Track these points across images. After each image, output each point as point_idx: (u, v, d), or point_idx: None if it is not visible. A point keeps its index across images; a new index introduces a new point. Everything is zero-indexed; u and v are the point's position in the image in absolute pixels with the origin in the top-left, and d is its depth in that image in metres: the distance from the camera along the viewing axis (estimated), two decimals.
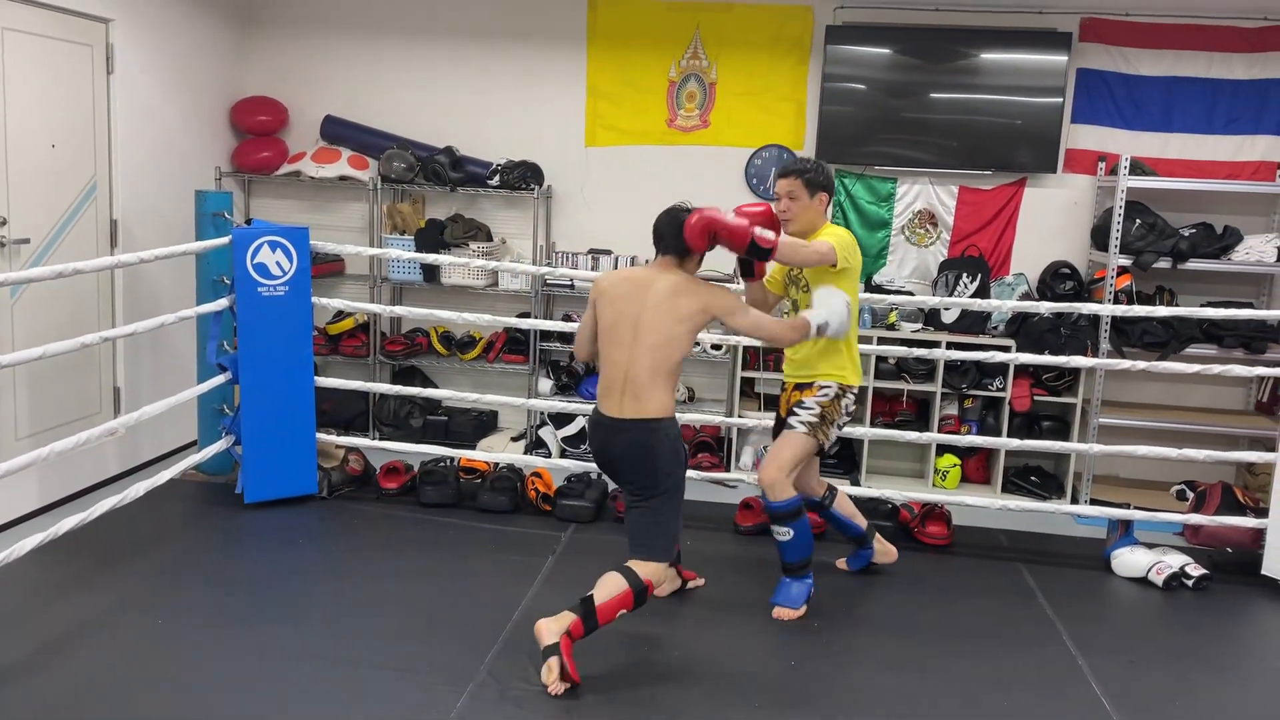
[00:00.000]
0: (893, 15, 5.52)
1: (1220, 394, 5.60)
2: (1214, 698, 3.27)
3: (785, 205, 3.72)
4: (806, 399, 3.73)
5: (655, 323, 3.26)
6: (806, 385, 3.77)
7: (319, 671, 3.14)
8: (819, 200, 3.73)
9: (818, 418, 3.70)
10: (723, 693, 3.15)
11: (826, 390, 3.72)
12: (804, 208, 3.71)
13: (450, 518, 4.54)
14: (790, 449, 3.69)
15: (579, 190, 5.91)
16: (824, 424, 3.71)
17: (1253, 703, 3.26)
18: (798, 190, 3.71)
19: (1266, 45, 5.32)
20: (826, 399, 3.71)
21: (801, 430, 3.70)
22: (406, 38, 5.92)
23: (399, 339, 5.89)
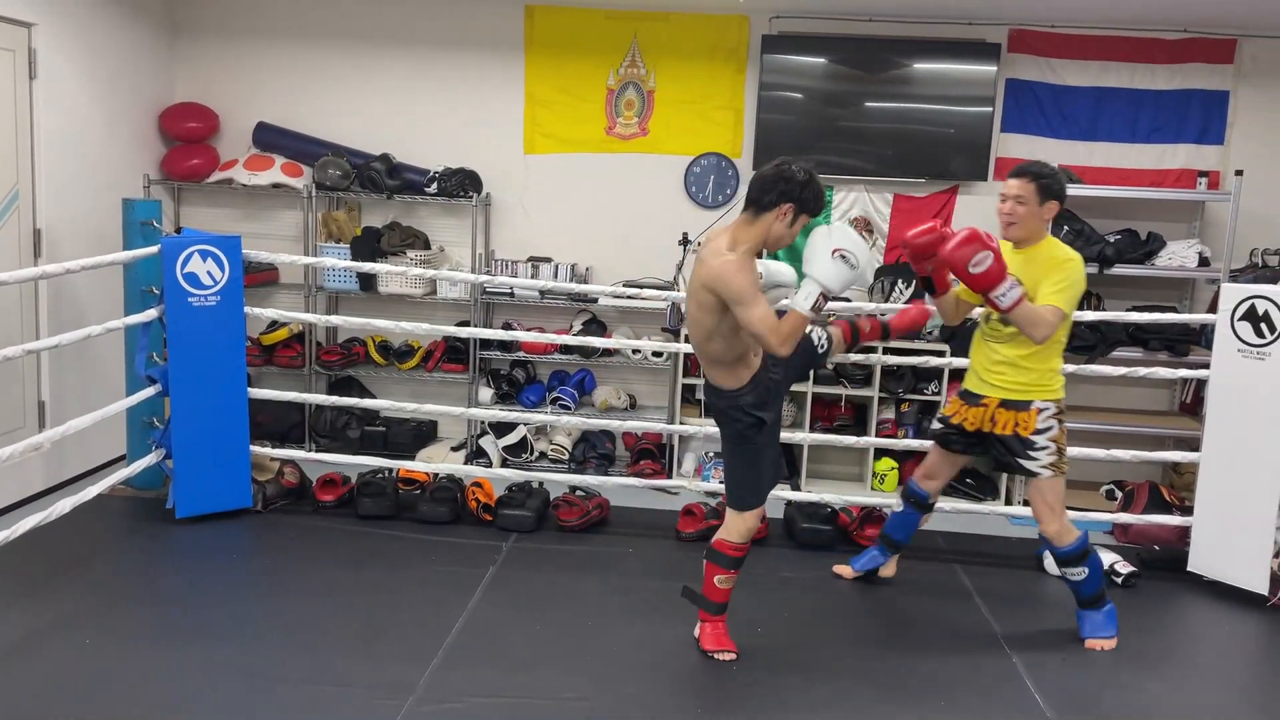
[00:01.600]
0: (827, 25, 5.60)
1: (1146, 396, 5.76)
2: (1143, 692, 3.35)
3: (1010, 208, 3.48)
4: (1035, 438, 3.50)
5: (689, 302, 3.13)
6: (1020, 406, 3.52)
7: (253, 689, 3.07)
8: (1048, 209, 3.47)
9: (1056, 455, 3.52)
10: (662, 697, 3.14)
11: (1047, 415, 3.51)
12: (1030, 214, 3.46)
13: (389, 529, 4.48)
14: (1053, 496, 3.53)
15: (518, 198, 5.89)
16: (1062, 455, 3.53)
17: (1181, 696, 3.35)
18: (1029, 195, 3.45)
19: (1187, 57, 5.50)
20: (1054, 430, 3.50)
21: (1049, 475, 3.51)
22: (341, 44, 5.85)
23: (335, 349, 5.80)
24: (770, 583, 4.12)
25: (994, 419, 3.59)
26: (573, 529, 4.56)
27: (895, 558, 4.15)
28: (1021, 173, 3.49)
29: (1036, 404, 3.50)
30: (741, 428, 3.25)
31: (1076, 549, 3.54)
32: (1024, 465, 3.54)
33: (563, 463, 5.64)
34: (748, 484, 3.34)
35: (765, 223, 3.05)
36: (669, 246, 5.79)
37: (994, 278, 3.27)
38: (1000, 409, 3.57)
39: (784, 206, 3.04)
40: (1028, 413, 3.51)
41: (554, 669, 3.29)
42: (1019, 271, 3.41)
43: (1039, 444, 3.50)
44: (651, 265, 5.79)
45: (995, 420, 3.58)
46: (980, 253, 3.26)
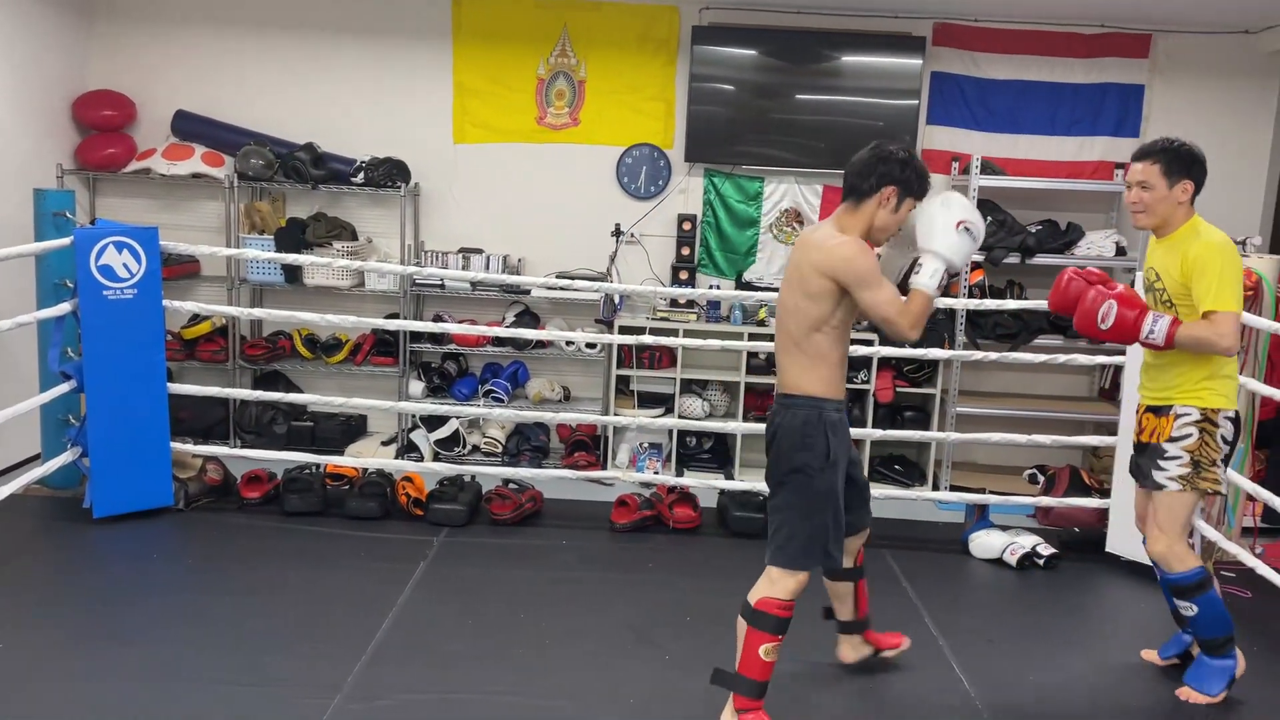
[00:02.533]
0: (756, 17, 5.63)
1: (1066, 382, 5.91)
2: (1065, 670, 3.44)
3: (1136, 195, 3.10)
4: (1166, 444, 3.10)
5: (785, 291, 2.83)
6: (1162, 410, 3.15)
7: (175, 692, 3.00)
8: (1182, 189, 3.05)
9: (1189, 467, 3.07)
10: (594, 688, 3.14)
11: (1186, 422, 3.08)
12: (1159, 199, 3.06)
13: (316, 526, 4.40)
14: (1168, 513, 3.11)
15: (448, 188, 5.82)
16: (1200, 470, 3.07)
17: (1100, 674, 3.44)
18: (1153, 178, 3.06)
19: (1104, 51, 5.64)
20: (1191, 439, 3.07)
21: (1175, 488, 3.09)
22: (262, 30, 5.72)
23: (260, 343, 5.68)
24: (703, 571, 4.14)
25: (1143, 426, 3.25)
26: (506, 522, 4.53)
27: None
28: (1143, 154, 3.11)
29: (1177, 410, 3.12)
30: (809, 458, 2.77)
31: (1184, 580, 3.09)
32: (1154, 478, 3.14)
33: (496, 456, 5.60)
34: (801, 536, 2.79)
35: (867, 212, 2.81)
36: (602, 237, 5.77)
37: (1130, 326, 3.00)
38: (1148, 415, 3.23)
39: (886, 191, 2.79)
40: (1167, 419, 3.14)
41: (484, 663, 3.26)
42: (1162, 263, 3.12)
43: (1169, 451, 3.10)
44: (584, 256, 5.77)
45: (1144, 428, 3.24)
46: (1103, 305, 3.00)
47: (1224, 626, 3.15)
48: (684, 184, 5.82)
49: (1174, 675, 3.39)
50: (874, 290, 2.70)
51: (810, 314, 2.76)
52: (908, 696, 3.21)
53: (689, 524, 4.59)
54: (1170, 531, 3.12)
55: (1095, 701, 3.25)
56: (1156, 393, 3.19)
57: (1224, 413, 3.10)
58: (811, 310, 2.76)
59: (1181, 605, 3.15)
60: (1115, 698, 3.26)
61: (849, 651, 3.32)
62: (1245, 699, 3.26)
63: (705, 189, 5.81)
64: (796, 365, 2.81)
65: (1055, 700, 3.24)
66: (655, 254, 5.82)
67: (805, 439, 2.77)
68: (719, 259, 5.87)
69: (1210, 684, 3.18)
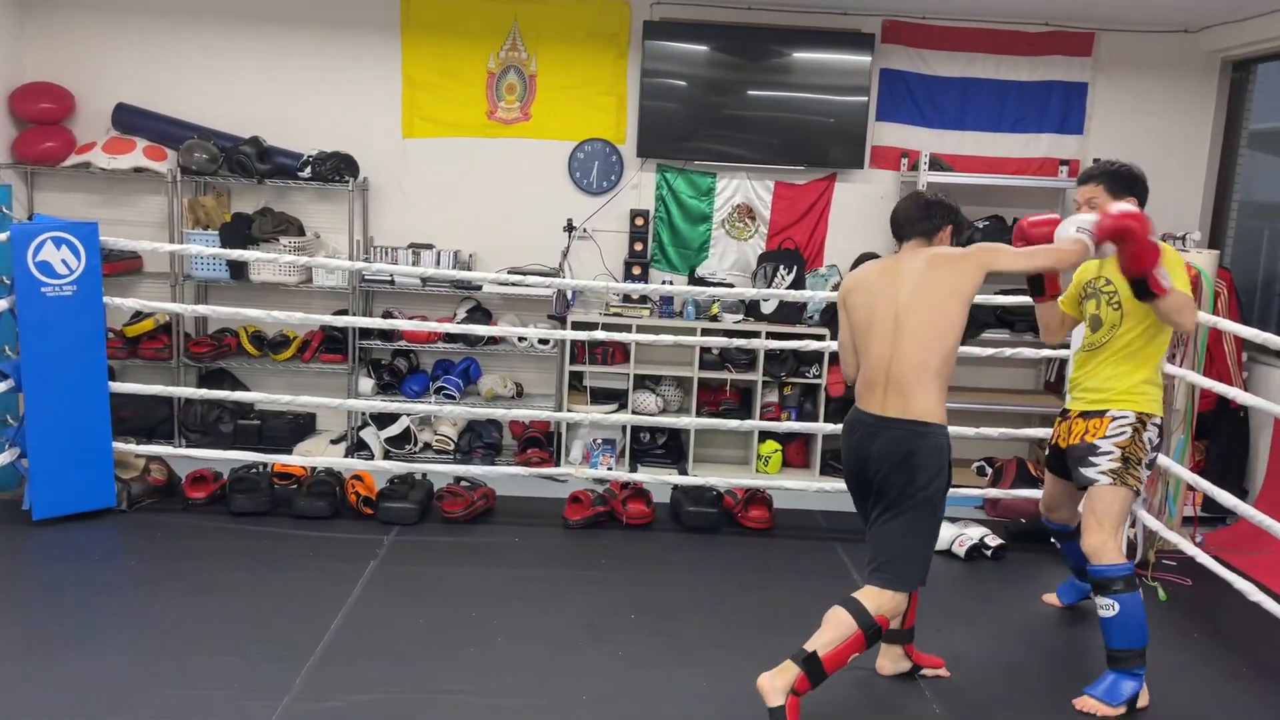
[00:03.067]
0: (707, 13, 5.63)
1: (1013, 375, 6.00)
2: (1011, 658, 3.49)
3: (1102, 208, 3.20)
4: (1099, 441, 3.22)
5: (919, 308, 2.90)
6: (1096, 414, 3.26)
7: (119, 697, 2.93)
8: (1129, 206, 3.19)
9: (1120, 462, 3.19)
10: (545, 685, 3.13)
11: (1121, 423, 3.21)
12: None
13: (264, 526, 4.33)
14: (1104, 503, 3.19)
15: (397, 183, 5.75)
16: (1129, 467, 3.19)
17: (1044, 660, 3.50)
18: (1100, 197, 3.24)
19: (1048, 49, 5.73)
20: (1124, 437, 3.20)
21: (1107, 483, 3.19)
22: (208, 21, 5.61)
23: (205, 340, 5.58)
24: (657, 566, 4.14)
25: (1071, 429, 3.37)
26: (458, 520, 4.49)
27: None
28: (1087, 178, 3.30)
29: (1113, 413, 3.25)
30: (940, 486, 2.89)
31: (1108, 572, 3.12)
32: (1085, 474, 3.26)
33: (448, 453, 5.55)
34: (920, 559, 2.92)
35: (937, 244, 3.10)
36: (554, 233, 5.75)
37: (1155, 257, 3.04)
38: (1079, 420, 3.35)
39: (946, 229, 3.10)
40: (1101, 421, 3.26)
41: (435, 661, 3.23)
42: (1114, 272, 3.22)
43: (1102, 447, 3.22)
44: (537, 252, 5.74)
45: (1073, 430, 3.36)
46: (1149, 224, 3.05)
47: (1138, 637, 3.13)
48: (636, 179, 5.81)
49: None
50: (1006, 254, 3.01)
51: (959, 326, 2.91)
52: (858, 687, 3.23)
53: (642, 520, 4.59)
54: (1107, 526, 3.18)
55: (1042, 689, 3.30)
56: (1091, 400, 3.32)
57: (1154, 418, 3.25)
58: (960, 321, 2.92)
59: (1102, 603, 3.14)
60: (1062, 685, 3.31)
61: (888, 664, 3.30)
62: (1187, 685, 3.34)
63: (658, 184, 5.81)
64: (928, 392, 2.89)
65: (1003, 688, 3.29)
66: (608, 249, 5.81)
67: (942, 469, 2.90)
68: (672, 254, 5.88)
69: (1113, 696, 3.12)
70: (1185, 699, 3.27)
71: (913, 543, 2.90)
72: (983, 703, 3.20)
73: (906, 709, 3.12)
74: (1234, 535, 4.78)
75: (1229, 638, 3.72)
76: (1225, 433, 5.21)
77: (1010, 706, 3.19)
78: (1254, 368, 5.25)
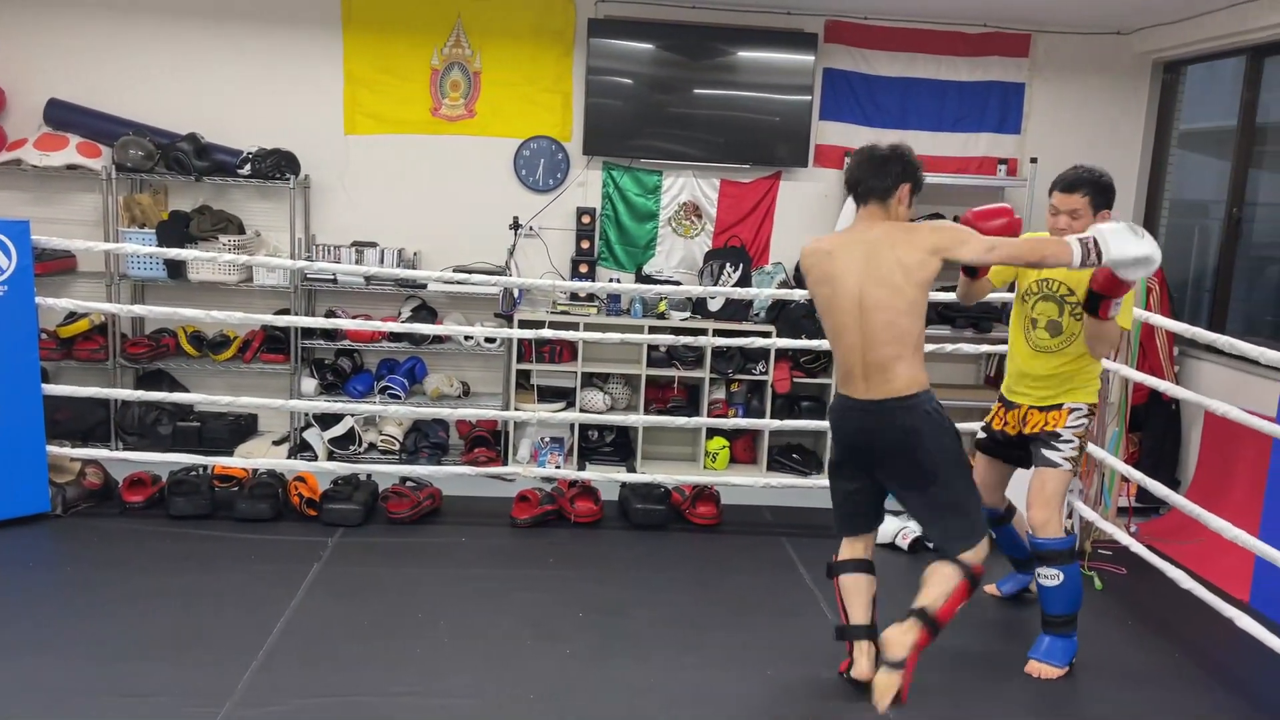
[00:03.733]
0: (652, 11, 5.64)
1: (955, 370, 6.10)
2: (952, 648, 3.54)
3: (1065, 224, 3.26)
4: (1061, 430, 3.39)
5: (882, 294, 2.88)
6: (1051, 408, 3.43)
7: (56, 705, 2.86)
8: (1101, 219, 3.25)
9: (1078, 450, 3.40)
10: (494, 685, 3.11)
11: (1078, 415, 3.40)
12: (1085, 226, 3.22)
13: (204, 529, 4.26)
14: (1055, 483, 3.37)
15: (339, 180, 5.68)
16: (1082, 452, 3.44)
17: (985, 648, 3.56)
18: (1083, 209, 3.26)
19: (986, 50, 5.83)
20: (1081, 428, 3.39)
21: (1066, 467, 3.39)
22: (143, 15, 5.48)
23: (142, 341, 5.46)
24: (605, 564, 4.15)
25: (1026, 419, 3.50)
26: (403, 521, 4.45)
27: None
28: (1074, 185, 3.28)
29: (1070, 406, 3.42)
30: (950, 440, 2.94)
31: (1055, 545, 3.32)
32: (1045, 456, 3.42)
33: (393, 453, 5.50)
34: (970, 507, 2.97)
35: (892, 210, 2.98)
36: (500, 231, 5.72)
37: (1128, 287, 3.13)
38: (1033, 412, 3.48)
39: (904, 188, 2.97)
40: (1059, 413, 3.43)
41: (382, 663, 3.20)
42: (1077, 279, 3.31)
43: (1064, 435, 3.39)
44: (483, 250, 5.70)
45: (1027, 421, 3.49)
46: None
47: (1076, 603, 3.37)
48: (583, 177, 5.80)
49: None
50: (969, 243, 2.92)
51: (922, 305, 2.91)
52: (806, 680, 3.27)
53: (590, 518, 4.59)
54: (1054, 503, 3.38)
55: (987, 676, 3.36)
56: (1045, 397, 3.46)
57: (1095, 406, 3.50)
58: (923, 301, 2.90)
59: (1047, 574, 3.32)
60: (1006, 673, 3.38)
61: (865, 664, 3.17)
62: (1122, 670, 3.43)
63: (604, 182, 5.81)
64: (907, 362, 2.91)
65: (948, 677, 3.34)
66: (555, 247, 5.79)
67: (941, 426, 2.93)
68: (619, 252, 5.88)
69: (1060, 656, 3.35)
70: (1121, 684, 3.35)
71: (958, 499, 2.95)
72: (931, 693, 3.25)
73: (852, 695, 3.16)
74: (1167, 525, 4.91)
75: (1162, 624, 3.82)
76: (1158, 425, 5.35)
77: (954, 694, 3.24)
78: (1185, 362, 5.40)
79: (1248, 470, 4.63)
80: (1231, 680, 3.44)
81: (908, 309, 2.89)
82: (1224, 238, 5.37)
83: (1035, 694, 3.29)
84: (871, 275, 2.90)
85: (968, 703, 3.20)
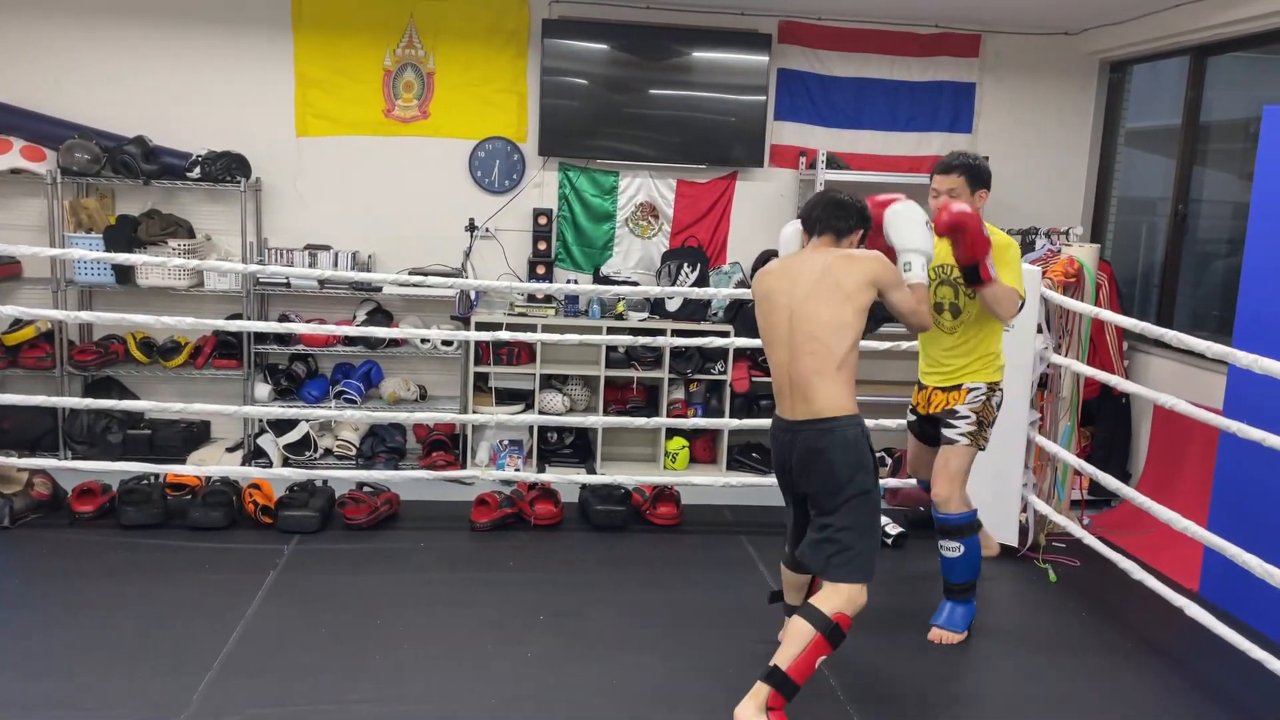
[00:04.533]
0: (606, 12, 5.64)
1: (909, 367, 6.11)
2: (912, 645, 3.58)
3: (944, 203, 3.45)
4: (959, 407, 3.57)
5: (813, 308, 2.93)
6: (954, 388, 3.62)
7: None
8: (980, 198, 3.53)
9: (975, 425, 3.56)
10: (453, 691, 3.09)
11: (976, 394, 3.57)
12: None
13: (157, 539, 4.18)
14: (958, 460, 3.56)
15: (292, 183, 5.61)
16: (982, 429, 3.58)
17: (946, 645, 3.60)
18: (960, 187, 3.50)
19: (938, 50, 5.90)
20: (979, 404, 3.57)
21: (964, 443, 3.57)
22: (88, 16, 5.38)
23: (90, 348, 5.35)
24: (565, 567, 4.14)
25: (931, 400, 3.70)
26: (361, 526, 4.41)
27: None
28: (948, 167, 3.54)
29: (968, 386, 3.59)
30: (865, 475, 2.93)
31: (957, 520, 3.53)
32: (945, 435, 3.61)
33: (350, 459, 5.44)
34: (868, 551, 2.93)
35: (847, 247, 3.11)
36: (456, 233, 5.68)
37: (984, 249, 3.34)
38: (937, 393, 3.68)
39: (857, 233, 3.14)
40: (959, 393, 3.60)
41: (340, 672, 3.17)
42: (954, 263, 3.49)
43: (961, 412, 3.57)
44: (439, 252, 5.66)
45: (932, 401, 3.69)
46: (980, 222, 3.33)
47: (975, 570, 3.61)
48: (539, 178, 5.78)
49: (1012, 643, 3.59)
50: (902, 289, 3.07)
51: (855, 326, 2.93)
52: None
53: (550, 520, 4.57)
54: (956, 479, 3.57)
55: (942, 673, 3.39)
56: (947, 378, 3.65)
57: (999, 384, 3.64)
58: (855, 323, 2.93)
59: (949, 546, 3.55)
60: (961, 668, 3.42)
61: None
62: (1075, 660, 3.48)
63: (560, 183, 5.79)
64: (833, 385, 2.92)
65: (905, 673, 3.38)
66: (511, 249, 5.77)
67: (861, 459, 2.92)
68: (576, 253, 5.87)
69: (959, 623, 3.59)
70: (1074, 674, 3.40)
71: (852, 537, 2.90)
72: (886, 686, 3.28)
73: (811, 693, 3.17)
74: (1118, 517, 5.00)
75: (1115, 615, 3.89)
76: (1109, 419, 5.44)
77: (910, 687, 3.27)
78: (1134, 356, 5.50)
79: (1196, 462, 4.73)
80: (1181, 667, 3.50)
81: (837, 328, 2.92)
82: (1170, 234, 5.48)
83: (982, 678, 3.33)
84: (808, 293, 2.96)
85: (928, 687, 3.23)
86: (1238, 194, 5.09)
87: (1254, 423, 3.32)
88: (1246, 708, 3.23)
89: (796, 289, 2.98)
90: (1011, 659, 3.53)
